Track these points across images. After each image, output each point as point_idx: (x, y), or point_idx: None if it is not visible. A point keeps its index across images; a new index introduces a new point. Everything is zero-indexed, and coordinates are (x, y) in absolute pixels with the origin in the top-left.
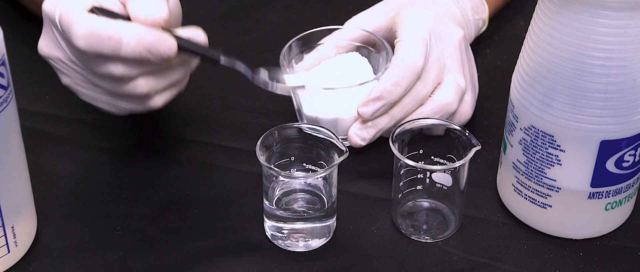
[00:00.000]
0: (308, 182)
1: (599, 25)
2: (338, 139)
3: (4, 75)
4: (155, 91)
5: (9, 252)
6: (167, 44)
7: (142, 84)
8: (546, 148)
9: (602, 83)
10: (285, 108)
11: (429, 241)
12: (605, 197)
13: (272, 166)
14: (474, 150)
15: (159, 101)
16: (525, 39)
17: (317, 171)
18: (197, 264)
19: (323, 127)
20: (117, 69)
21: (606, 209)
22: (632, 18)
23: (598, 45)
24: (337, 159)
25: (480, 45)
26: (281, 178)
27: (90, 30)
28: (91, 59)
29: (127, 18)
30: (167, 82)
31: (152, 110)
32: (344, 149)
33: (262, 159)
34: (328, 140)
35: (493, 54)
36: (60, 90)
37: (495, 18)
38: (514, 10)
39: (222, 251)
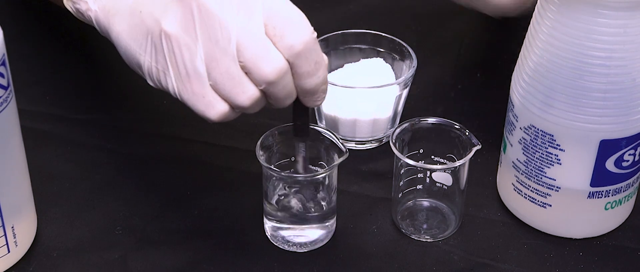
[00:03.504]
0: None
1: (598, 25)
2: (338, 139)
3: (4, 75)
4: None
5: (9, 252)
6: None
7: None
8: (546, 147)
9: (602, 83)
10: (285, 108)
11: (429, 241)
12: (605, 197)
13: (271, 166)
14: (474, 149)
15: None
16: (525, 39)
17: (317, 171)
18: (197, 264)
19: (323, 127)
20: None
21: (606, 209)
22: (631, 18)
23: (598, 44)
24: (337, 160)
25: (480, 46)
26: (281, 178)
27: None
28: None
29: None
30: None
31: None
32: (344, 149)
33: (261, 159)
34: (328, 140)
35: (493, 54)
36: (61, 91)
37: (495, 18)
38: None
39: (222, 251)
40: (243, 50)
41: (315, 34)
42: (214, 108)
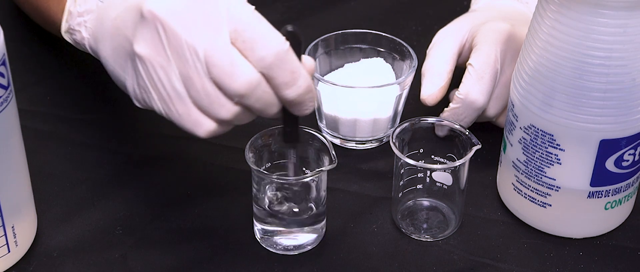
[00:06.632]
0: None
1: (598, 25)
2: (331, 147)
3: (4, 75)
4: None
5: (9, 252)
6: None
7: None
8: (546, 147)
9: (602, 82)
10: None
11: (429, 240)
12: (605, 197)
13: (261, 169)
14: (474, 149)
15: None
16: (525, 39)
17: (306, 173)
18: (197, 264)
19: (320, 132)
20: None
21: (606, 209)
22: (631, 17)
23: (597, 44)
24: (325, 167)
25: None
26: (269, 181)
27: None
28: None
29: None
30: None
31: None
32: (334, 158)
33: (251, 162)
34: (319, 145)
35: None
36: (61, 91)
37: None
38: None
39: (222, 251)
40: (211, 67)
41: (288, 44)
42: (202, 126)
